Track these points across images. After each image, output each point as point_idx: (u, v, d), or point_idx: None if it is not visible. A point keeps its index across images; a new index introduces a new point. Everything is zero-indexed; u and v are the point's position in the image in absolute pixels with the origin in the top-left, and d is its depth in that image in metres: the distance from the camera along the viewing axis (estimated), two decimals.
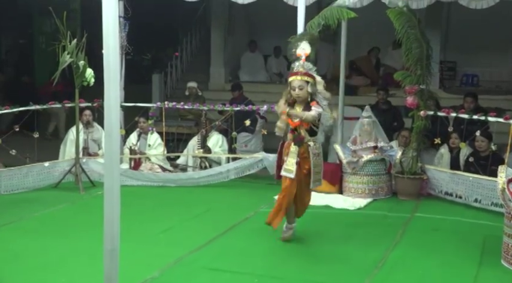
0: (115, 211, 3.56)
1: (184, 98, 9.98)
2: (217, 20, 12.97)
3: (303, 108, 5.24)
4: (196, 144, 8.42)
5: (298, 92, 5.22)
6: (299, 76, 5.23)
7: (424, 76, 7.24)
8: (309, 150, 5.31)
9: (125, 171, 7.73)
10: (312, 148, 5.32)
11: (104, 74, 3.48)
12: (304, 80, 5.22)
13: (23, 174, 7.40)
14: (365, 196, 7.25)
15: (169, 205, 6.92)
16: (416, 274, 4.83)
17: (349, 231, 6.01)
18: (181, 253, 5.12)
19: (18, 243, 5.42)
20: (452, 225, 6.26)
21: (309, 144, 5.32)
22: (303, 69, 5.26)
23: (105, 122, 3.53)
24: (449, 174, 7.24)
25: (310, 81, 5.23)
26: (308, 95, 5.24)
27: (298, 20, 7.42)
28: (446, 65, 12.59)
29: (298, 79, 5.23)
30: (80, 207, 6.82)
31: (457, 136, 7.50)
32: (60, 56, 7.00)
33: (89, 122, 8.29)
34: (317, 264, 5.03)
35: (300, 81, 5.22)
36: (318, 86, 5.29)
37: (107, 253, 3.58)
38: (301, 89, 5.22)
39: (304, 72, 5.23)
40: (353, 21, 7.56)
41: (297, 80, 5.23)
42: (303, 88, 5.22)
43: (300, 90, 5.22)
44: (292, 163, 5.27)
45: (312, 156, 5.32)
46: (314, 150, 5.34)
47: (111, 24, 3.43)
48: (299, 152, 5.29)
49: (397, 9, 7.15)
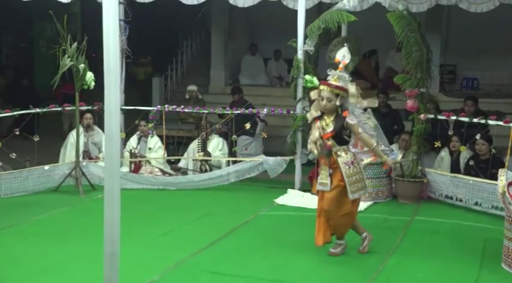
0: (115, 215, 3.55)
1: (184, 101, 9.99)
2: (218, 23, 12.99)
3: (333, 119, 5.06)
4: (196, 148, 8.42)
5: (326, 103, 5.03)
6: (330, 87, 5.03)
7: (424, 79, 7.24)
8: (338, 160, 5.09)
9: (125, 175, 7.73)
10: (342, 158, 5.09)
11: (104, 78, 3.48)
12: (334, 92, 5.02)
13: (23, 177, 7.40)
14: (365, 200, 7.21)
15: (169, 208, 6.92)
16: (416, 278, 4.83)
17: (349, 234, 5.97)
18: (182, 257, 5.11)
19: (18, 246, 5.42)
20: (453, 228, 6.26)
21: (338, 153, 5.10)
22: (337, 80, 5.06)
23: (106, 125, 3.53)
24: (449, 177, 7.24)
25: (341, 94, 5.03)
26: (336, 107, 5.06)
27: (298, 24, 7.44)
28: (446, 68, 12.60)
29: (327, 90, 5.03)
30: (80, 210, 6.81)
31: (457, 139, 7.50)
32: (60, 60, 7.01)
33: (90, 125, 8.29)
34: (317, 267, 5.03)
35: (329, 93, 5.02)
36: (351, 99, 5.09)
37: (107, 257, 3.58)
38: (330, 101, 5.03)
39: (336, 86, 5.02)
40: (353, 25, 7.57)
41: (327, 92, 5.02)
42: (331, 100, 5.02)
43: (328, 102, 5.03)
44: (326, 175, 5.13)
45: (343, 165, 5.08)
46: (345, 159, 5.10)
47: (112, 27, 3.43)
48: (330, 163, 5.11)
49: (397, 12, 7.16)
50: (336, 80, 5.08)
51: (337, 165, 5.10)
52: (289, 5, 8.19)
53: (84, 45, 7.07)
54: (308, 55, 7.72)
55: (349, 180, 5.09)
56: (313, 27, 7.39)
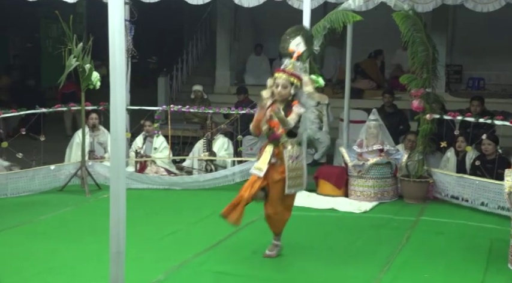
0: (121, 214, 3.56)
1: (189, 101, 10.00)
2: (223, 23, 13.00)
3: (283, 107, 4.91)
4: (201, 147, 8.43)
5: (281, 90, 4.92)
6: (285, 74, 4.96)
7: (430, 79, 7.22)
8: (284, 152, 4.97)
9: (131, 174, 7.74)
10: (287, 151, 4.97)
11: (110, 78, 3.49)
12: (289, 80, 4.94)
13: (29, 177, 7.43)
14: (371, 200, 7.23)
15: (174, 208, 6.93)
16: (422, 278, 4.81)
17: (355, 234, 5.99)
18: (187, 257, 5.12)
19: (24, 246, 5.44)
20: (459, 229, 6.24)
21: (285, 145, 4.97)
22: (292, 68, 4.99)
23: (111, 125, 3.53)
24: (455, 177, 7.22)
25: (295, 83, 4.94)
26: (290, 95, 4.95)
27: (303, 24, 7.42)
28: (452, 68, 12.58)
29: (283, 77, 4.95)
30: (85, 210, 6.83)
31: (463, 139, 7.48)
32: (66, 60, 7.03)
33: (95, 125, 8.31)
34: (322, 267, 5.02)
35: (285, 80, 4.93)
36: (305, 88, 4.99)
37: (113, 256, 3.59)
38: (285, 87, 4.93)
39: (292, 73, 4.96)
40: (359, 25, 7.56)
41: (282, 78, 4.94)
42: (286, 87, 4.93)
43: (283, 89, 4.92)
44: (265, 162, 4.97)
45: (288, 159, 4.96)
46: (291, 152, 4.97)
47: (117, 27, 3.44)
48: (274, 153, 4.98)
49: (402, 12, 7.14)
50: (291, 68, 5.01)
51: (280, 157, 4.98)
52: (295, 5, 8.19)
53: (89, 45, 7.09)
54: (313, 55, 7.70)
55: (290, 174, 4.98)
56: (318, 27, 7.38)
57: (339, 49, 12.23)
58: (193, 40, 14.07)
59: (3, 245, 5.46)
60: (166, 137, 8.30)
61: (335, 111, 9.81)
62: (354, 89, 10.20)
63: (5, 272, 4.73)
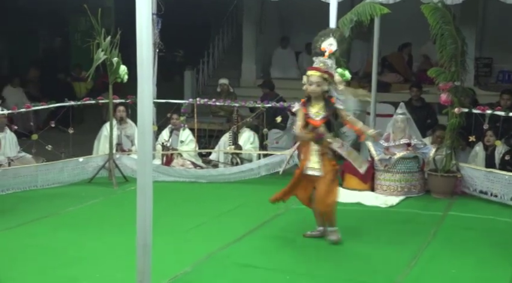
0: (148, 207, 3.60)
1: (215, 95, 10.03)
2: (249, 16, 12.98)
3: (322, 106, 5.17)
4: (227, 141, 8.46)
5: (315, 88, 5.15)
6: (319, 72, 5.16)
7: (458, 73, 7.11)
8: (333, 146, 5.23)
9: (157, 167, 7.81)
10: (335, 144, 5.24)
11: (137, 71, 3.52)
12: (323, 78, 5.14)
13: (59, 169, 7.55)
14: (397, 194, 7.17)
15: (201, 201, 6.97)
16: (449, 274, 4.76)
17: (381, 228, 5.95)
18: (213, 249, 5.15)
19: (53, 236, 5.53)
20: (487, 224, 6.15)
21: (329, 141, 5.22)
22: (324, 66, 5.20)
23: (138, 118, 3.57)
24: (484, 172, 7.11)
25: (328, 80, 5.17)
26: (324, 93, 5.18)
27: (330, 16, 7.37)
28: (481, 61, 12.36)
29: (317, 75, 5.15)
30: (113, 202, 6.92)
31: (492, 133, 7.37)
32: (94, 53, 7.11)
33: (123, 118, 8.39)
34: (348, 261, 5.00)
35: (318, 78, 5.14)
36: (339, 86, 5.33)
37: (140, 249, 3.63)
38: (319, 85, 5.14)
39: (325, 70, 5.17)
40: (386, 17, 7.48)
41: (316, 76, 5.15)
42: (320, 85, 5.14)
43: (317, 87, 5.14)
44: (316, 161, 5.23)
45: (340, 150, 5.23)
46: (337, 145, 5.24)
47: (145, 21, 3.46)
48: (320, 150, 5.23)
49: (431, 4, 7.05)
50: (323, 66, 5.20)
51: (325, 152, 5.21)
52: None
53: (117, 39, 7.16)
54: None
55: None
56: (345, 20, 7.32)
57: (366, 42, 12.12)
58: (220, 33, 14.08)
59: (31, 235, 5.57)
60: (192, 130, 8.35)
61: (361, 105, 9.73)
62: (381, 82, 10.11)
63: (32, 262, 4.84)
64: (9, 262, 4.85)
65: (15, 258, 4.94)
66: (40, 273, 4.61)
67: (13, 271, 4.63)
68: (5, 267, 4.71)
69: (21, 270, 4.66)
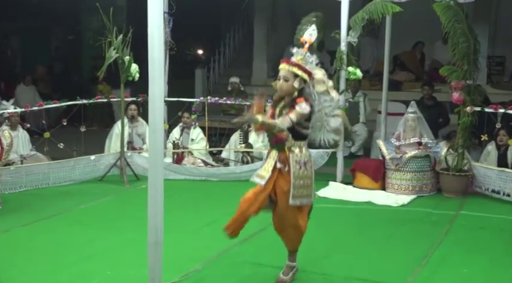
0: (159, 205, 3.62)
1: (226, 93, 10.04)
2: (261, 14, 12.97)
3: (285, 104, 4.22)
4: (238, 139, 8.47)
5: (282, 83, 4.15)
6: (287, 65, 4.17)
7: (471, 71, 7.07)
8: (291, 157, 4.19)
9: (168, 165, 7.84)
10: (294, 155, 4.19)
11: (149, 70, 3.54)
12: (292, 72, 4.14)
13: (70, 166, 7.59)
14: (409, 193, 7.15)
15: (211, 199, 6.99)
16: (461, 273, 4.74)
17: (392, 227, 5.93)
18: (224, 247, 5.15)
19: (64, 233, 5.57)
20: (500, 224, 6.11)
21: (292, 149, 4.19)
22: (303, 60, 4.18)
23: (150, 117, 3.59)
24: (496, 171, 7.07)
25: (300, 76, 4.12)
26: (294, 90, 4.14)
27: (341, 15, 7.37)
28: (494, 60, 12.28)
29: (285, 69, 4.16)
30: (124, 199, 6.95)
31: (505, 133, 7.32)
32: (106, 52, 7.14)
33: (134, 117, 8.42)
34: (359, 260, 4.99)
35: (286, 72, 4.14)
36: (318, 87, 4.19)
37: (151, 246, 3.65)
38: (286, 80, 4.14)
39: (296, 63, 4.15)
40: (398, 16, 7.45)
41: (284, 70, 4.17)
42: (288, 80, 4.13)
43: (284, 82, 4.15)
44: (268, 169, 4.25)
45: (295, 164, 4.17)
46: (298, 157, 4.19)
47: (156, 19, 3.48)
48: (279, 158, 4.23)
49: (443, 2, 7.00)
50: (299, 60, 4.19)
51: (287, 163, 4.20)
52: None
53: (129, 38, 7.19)
54: (351, 46, 7.63)
55: (296, 182, 4.17)
56: (356, 19, 7.30)
57: (375, 39, 12.08)
58: (231, 31, 14.08)
59: (43, 232, 5.62)
60: (203, 128, 8.36)
61: (372, 103, 9.71)
62: (392, 80, 10.07)
63: (44, 259, 4.87)
64: (24, 258, 4.89)
65: (29, 254, 4.98)
66: (53, 270, 4.63)
67: (27, 267, 4.67)
68: (20, 262, 4.77)
69: (35, 266, 4.70)
